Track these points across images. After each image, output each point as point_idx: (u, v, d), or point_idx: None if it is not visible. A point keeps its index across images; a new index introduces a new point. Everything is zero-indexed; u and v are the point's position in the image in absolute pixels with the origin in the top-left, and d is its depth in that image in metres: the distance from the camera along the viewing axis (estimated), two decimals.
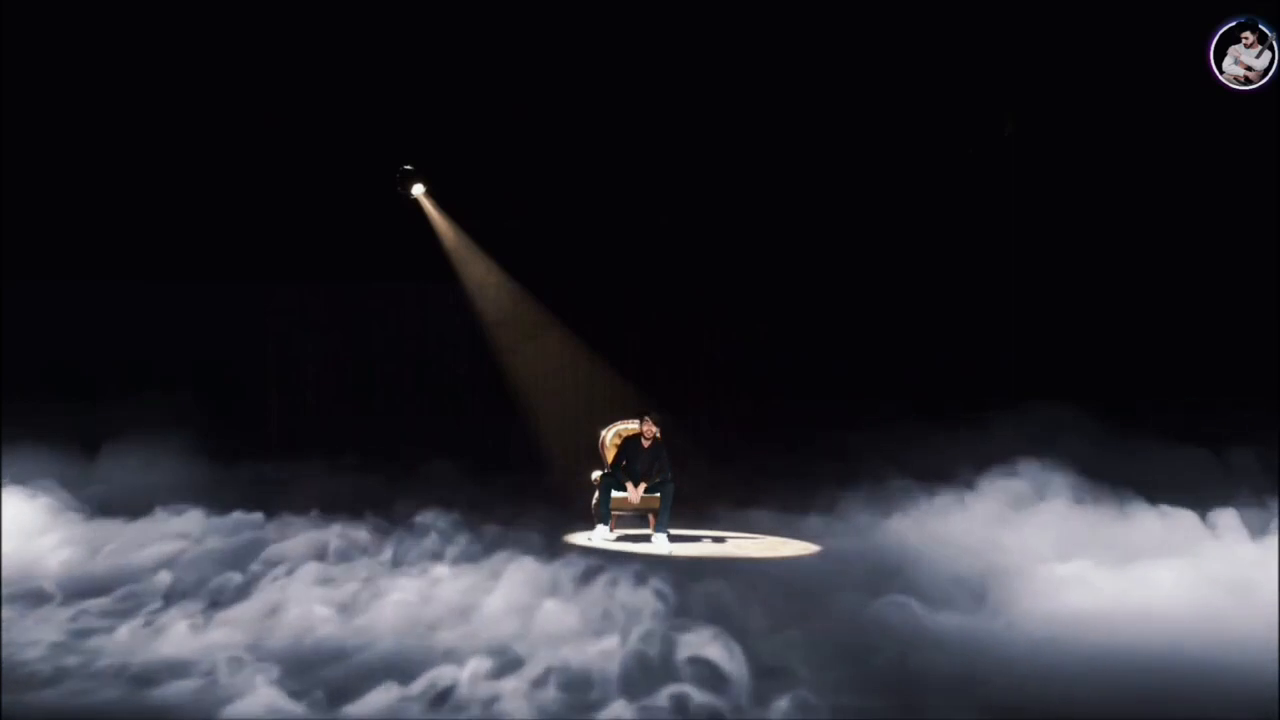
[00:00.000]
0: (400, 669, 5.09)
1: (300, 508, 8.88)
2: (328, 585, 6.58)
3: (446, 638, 5.67)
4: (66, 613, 6.16)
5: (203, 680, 4.99)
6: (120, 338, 11.83)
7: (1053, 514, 8.03)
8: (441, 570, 6.92)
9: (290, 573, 6.74)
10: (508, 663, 5.16)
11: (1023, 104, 10.96)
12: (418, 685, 4.86)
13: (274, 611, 6.06)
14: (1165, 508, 7.74)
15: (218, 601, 6.33)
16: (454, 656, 5.24)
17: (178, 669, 5.16)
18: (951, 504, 8.73)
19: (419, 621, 5.92)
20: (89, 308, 11.82)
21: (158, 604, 6.29)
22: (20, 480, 8.87)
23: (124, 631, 5.76)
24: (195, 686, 4.94)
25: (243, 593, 6.49)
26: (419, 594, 6.41)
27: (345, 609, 6.13)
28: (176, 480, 9.92)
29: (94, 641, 5.67)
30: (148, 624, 5.88)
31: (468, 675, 4.95)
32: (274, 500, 9.35)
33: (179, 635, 5.67)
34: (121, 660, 5.33)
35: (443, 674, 4.97)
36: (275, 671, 5.00)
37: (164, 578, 6.83)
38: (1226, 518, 7.42)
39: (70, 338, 11.78)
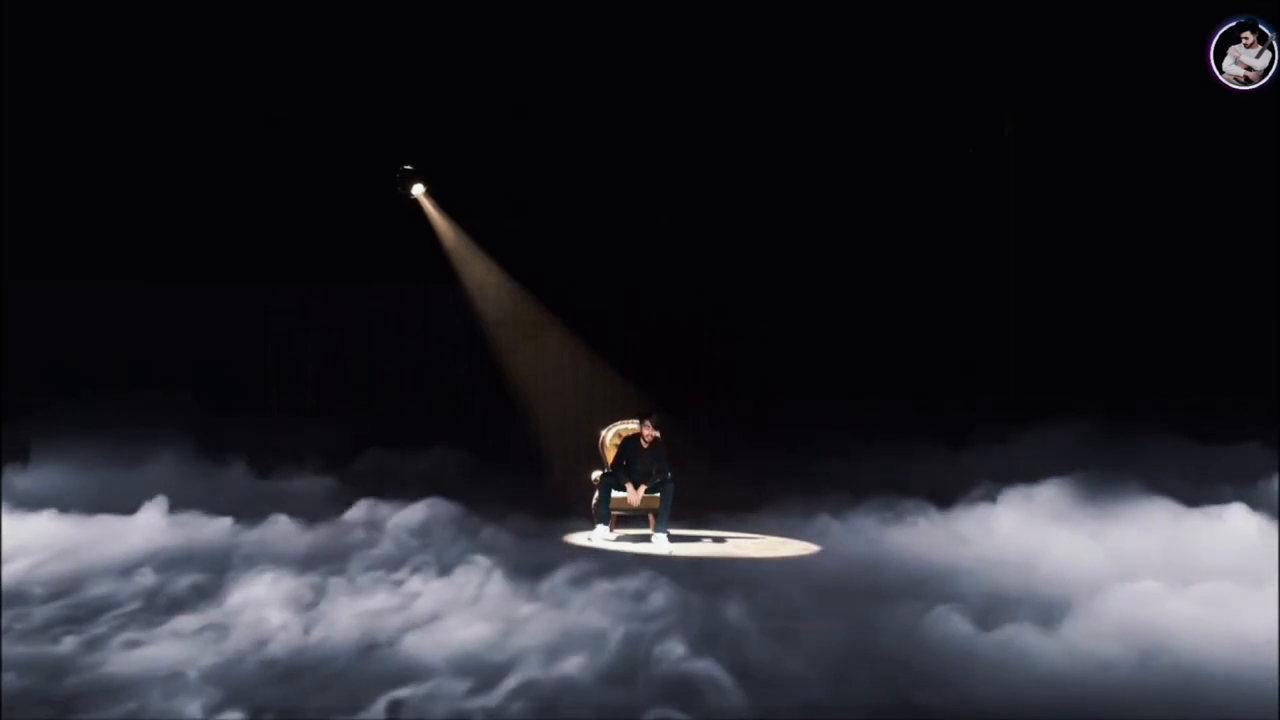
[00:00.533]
0: (361, 685, 4.84)
1: (295, 509, 8.87)
2: (304, 592, 6.38)
3: (418, 650, 5.40)
4: (6, 620, 5.79)
5: (132, 707, 4.56)
6: (120, 338, 11.82)
7: (1083, 523, 7.89)
8: (430, 574, 6.83)
9: (269, 578, 6.56)
10: (481, 679, 4.91)
11: (1023, 104, 10.96)
12: (376, 708, 4.56)
13: (238, 622, 5.80)
14: (1210, 508, 7.64)
15: (181, 609, 6.07)
16: (420, 673, 4.99)
17: (109, 692, 4.74)
18: (958, 514, 8.71)
19: (395, 631, 5.68)
20: (89, 308, 11.81)
21: (119, 610, 6.05)
22: (13, 479, 8.86)
23: (69, 643, 5.44)
24: (119, 717, 4.49)
25: (211, 600, 6.26)
26: (400, 601, 6.28)
27: (315, 617, 5.88)
28: (172, 481, 9.87)
29: (31, 653, 5.28)
30: (97, 634, 5.58)
31: (432, 694, 4.71)
32: (268, 502, 9.31)
33: (124, 649, 5.32)
34: (48, 679, 4.90)
35: (402, 695, 4.68)
36: (217, 695, 4.66)
37: (135, 582, 6.65)
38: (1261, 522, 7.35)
39: (70, 338, 11.78)
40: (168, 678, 4.87)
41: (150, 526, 8.29)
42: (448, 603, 6.21)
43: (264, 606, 6.05)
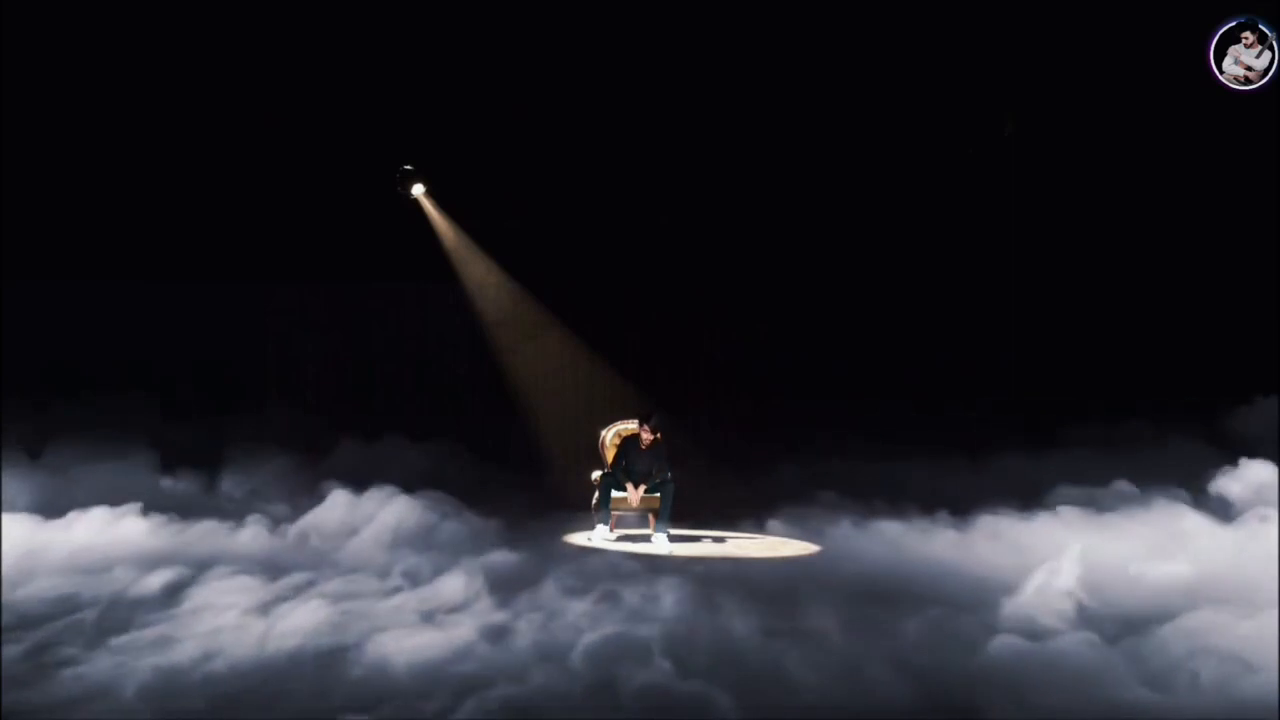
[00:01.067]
0: (317, 702, 4.58)
1: (286, 510, 8.80)
2: (276, 597, 6.17)
3: (390, 661, 5.09)
4: None
5: None
6: (120, 338, 11.81)
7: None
8: (420, 578, 6.69)
9: (238, 584, 6.38)
10: (463, 689, 4.67)
11: (1023, 104, 10.96)
12: None
13: (194, 631, 5.52)
14: (1243, 517, 7.49)
15: (137, 617, 5.81)
16: (388, 688, 4.73)
17: (34, 712, 4.44)
18: (959, 516, 8.68)
19: (368, 639, 5.38)
20: (89, 308, 11.80)
21: (72, 617, 5.81)
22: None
23: (7, 653, 5.16)
24: None
25: (170, 607, 6.02)
26: (383, 606, 6.06)
27: (283, 626, 5.56)
28: (166, 481, 9.88)
29: None
30: (38, 642, 5.34)
31: (398, 714, 4.41)
32: (258, 504, 9.23)
33: (63, 665, 4.99)
34: None
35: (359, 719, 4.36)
36: (152, 715, 4.41)
37: (96, 588, 6.42)
38: None
39: (70, 338, 11.77)
40: (99, 694, 4.65)
41: (126, 529, 8.04)
42: (435, 608, 6.06)
43: (226, 614, 5.80)
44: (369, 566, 7.14)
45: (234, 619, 5.73)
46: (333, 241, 11.55)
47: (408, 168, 11.65)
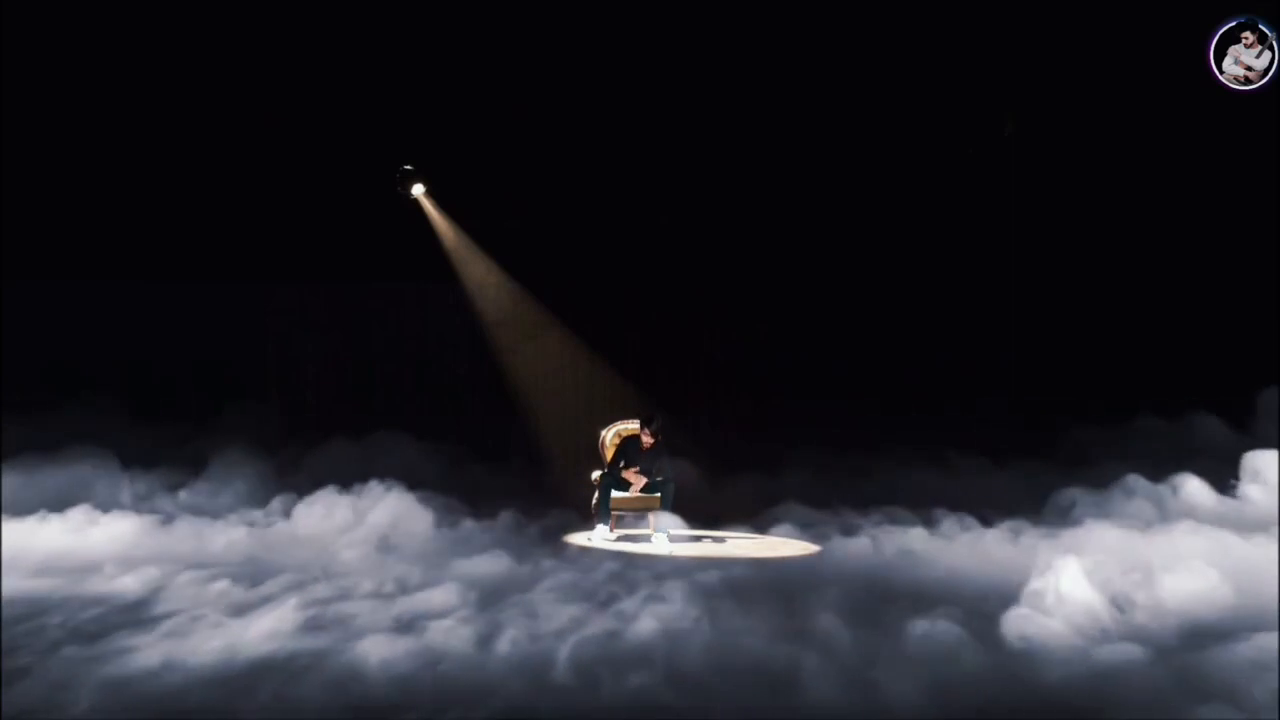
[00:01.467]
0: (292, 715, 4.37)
1: (285, 513, 8.75)
2: (259, 599, 6.05)
3: (363, 669, 4.94)
4: None
5: None
6: (120, 338, 11.81)
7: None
8: (414, 580, 6.62)
9: (218, 589, 6.29)
10: (455, 695, 4.55)
11: (1023, 104, 10.97)
12: None
13: (164, 636, 5.36)
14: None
15: (108, 624, 5.65)
16: (358, 701, 4.53)
17: None
18: (958, 517, 8.65)
19: (354, 644, 5.22)
20: (89, 308, 11.80)
21: (36, 620, 5.67)
22: None
23: None
24: None
25: (142, 613, 5.89)
26: (373, 608, 5.93)
27: (250, 632, 5.39)
28: (163, 480, 9.84)
29: None
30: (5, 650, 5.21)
31: None
32: (258, 504, 9.19)
33: (22, 673, 4.84)
34: None
35: None
36: None
37: (73, 591, 6.33)
38: None
39: (70, 338, 11.77)
40: (47, 705, 4.50)
41: (112, 530, 7.95)
42: (427, 611, 5.97)
43: (203, 619, 5.68)
44: (363, 568, 7.10)
45: (210, 623, 5.62)
46: (333, 241, 11.55)
47: (408, 168, 11.66)
